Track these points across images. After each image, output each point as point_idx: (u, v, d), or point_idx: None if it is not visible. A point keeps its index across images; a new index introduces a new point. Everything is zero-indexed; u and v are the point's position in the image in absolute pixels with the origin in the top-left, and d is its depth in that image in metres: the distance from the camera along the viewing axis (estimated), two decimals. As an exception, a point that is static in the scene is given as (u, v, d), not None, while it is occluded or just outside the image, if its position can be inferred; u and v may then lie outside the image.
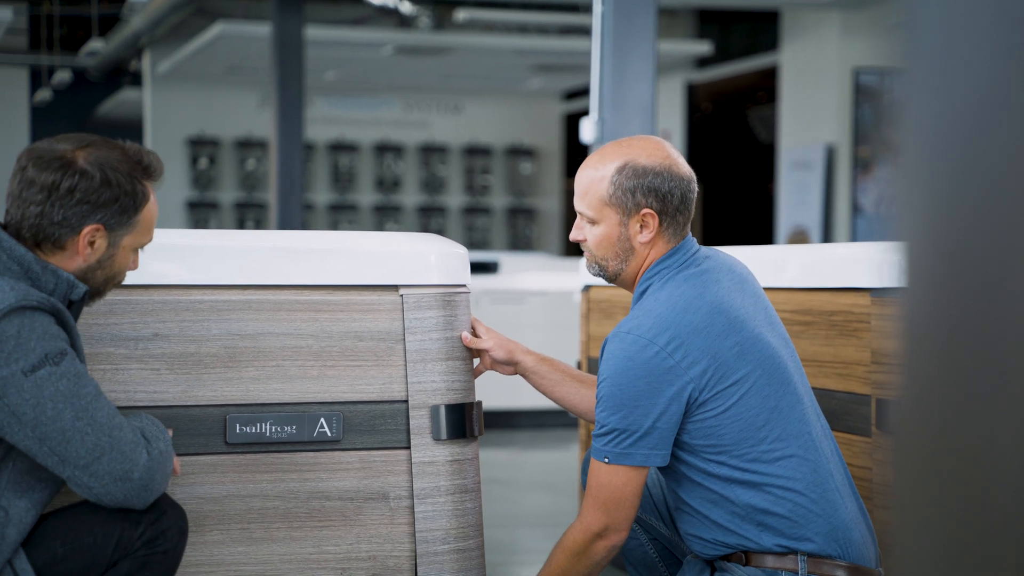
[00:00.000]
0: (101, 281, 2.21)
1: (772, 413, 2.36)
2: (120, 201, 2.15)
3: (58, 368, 2.04)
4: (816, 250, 3.04)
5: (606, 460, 2.36)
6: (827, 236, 9.79)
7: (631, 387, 2.32)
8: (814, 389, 2.83)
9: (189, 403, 2.48)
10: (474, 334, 2.64)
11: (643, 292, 2.44)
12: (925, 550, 0.81)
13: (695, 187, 2.46)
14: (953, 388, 0.78)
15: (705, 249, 2.51)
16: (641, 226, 2.42)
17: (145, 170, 2.19)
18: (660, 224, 2.42)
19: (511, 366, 2.67)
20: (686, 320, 2.34)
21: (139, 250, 2.26)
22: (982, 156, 0.82)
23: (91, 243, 2.15)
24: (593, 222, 2.45)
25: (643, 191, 2.40)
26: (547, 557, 2.51)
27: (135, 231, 2.20)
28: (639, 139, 2.47)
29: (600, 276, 2.50)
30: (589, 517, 2.40)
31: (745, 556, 2.40)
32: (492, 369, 2.70)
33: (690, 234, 2.49)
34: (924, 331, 0.78)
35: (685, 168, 2.45)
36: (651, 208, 2.41)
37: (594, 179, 2.44)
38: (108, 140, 2.20)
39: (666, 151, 2.44)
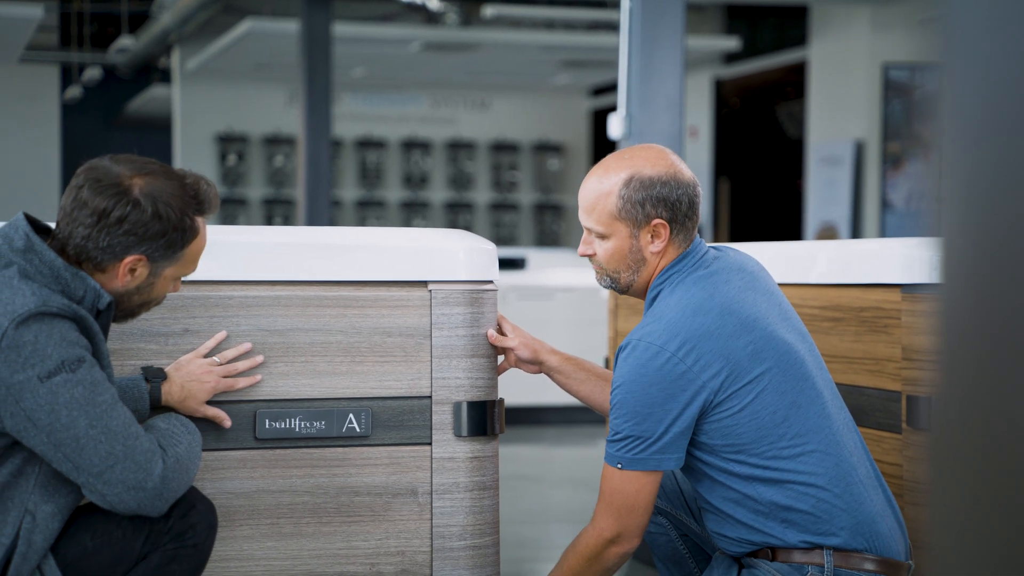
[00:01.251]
0: (136, 305, 2.22)
1: (790, 409, 2.35)
2: (167, 236, 2.14)
3: (74, 375, 2.05)
4: (846, 246, 3.03)
5: (619, 466, 2.37)
6: (856, 232, 9.74)
7: (644, 395, 2.32)
8: (844, 386, 2.82)
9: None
10: (500, 332, 2.64)
11: (654, 298, 2.44)
12: (963, 547, 0.80)
13: (700, 191, 2.46)
14: (991, 384, 0.78)
15: (714, 249, 2.51)
16: (652, 236, 2.42)
17: (199, 205, 2.18)
18: (671, 232, 2.42)
19: (535, 365, 2.67)
20: (697, 323, 2.33)
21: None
22: (1021, 151, 0.81)
23: (132, 271, 2.16)
24: (603, 237, 2.44)
25: (652, 202, 2.40)
26: (558, 560, 2.51)
27: (179, 263, 2.20)
28: (640, 149, 2.46)
29: (612, 288, 2.50)
30: (602, 523, 2.41)
31: (771, 552, 2.40)
32: (517, 367, 2.70)
33: (698, 236, 2.48)
34: (962, 327, 0.78)
35: (688, 173, 2.45)
36: (661, 218, 2.41)
37: (601, 194, 2.42)
38: (168, 169, 2.18)
39: (669, 159, 2.44)
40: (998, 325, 0.80)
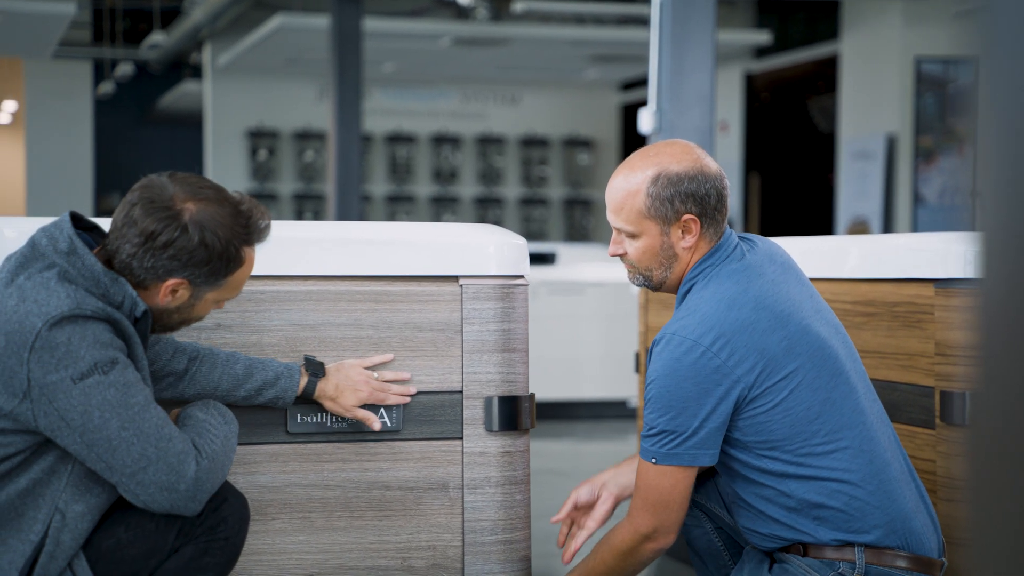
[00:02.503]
0: (176, 322, 2.23)
1: (824, 405, 2.34)
2: (211, 264, 2.15)
3: (107, 377, 2.06)
4: (879, 240, 3.01)
5: (654, 461, 2.36)
6: (887, 227, 9.69)
7: (678, 389, 2.31)
8: (876, 381, 2.80)
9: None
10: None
11: (686, 292, 2.43)
12: (1003, 544, 0.79)
13: (727, 182, 2.44)
14: (1030, 380, 0.77)
15: (744, 241, 2.49)
16: (683, 232, 2.41)
17: (248, 236, 2.17)
18: (701, 227, 2.41)
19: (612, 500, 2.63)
20: (731, 318, 2.32)
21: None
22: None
23: (173, 292, 2.17)
24: (633, 236, 2.43)
25: (681, 198, 2.39)
26: (591, 551, 2.51)
27: (221, 289, 2.21)
28: (664, 145, 2.45)
29: (645, 286, 2.49)
30: (638, 518, 2.40)
31: (803, 548, 2.38)
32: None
33: (728, 228, 2.47)
34: (1001, 322, 0.77)
35: (714, 166, 2.43)
36: (692, 213, 2.39)
37: (629, 193, 2.41)
38: (223, 195, 2.17)
39: (694, 153, 2.42)
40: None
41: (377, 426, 2.52)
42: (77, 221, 2.19)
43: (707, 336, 2.31)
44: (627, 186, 2.41)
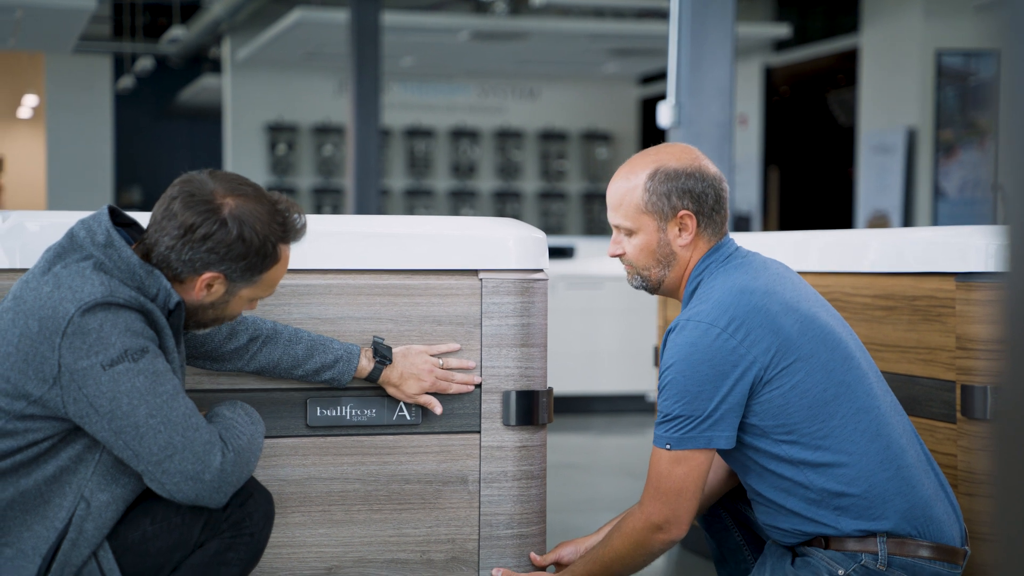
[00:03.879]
0: (209, 319, 2.25)
1: (839, 388, 2.34)
2: (248, 259, 2.17)
3: (136, 365, 2.07)
4: (899, 234, 3.00)
5: (668, 447, 2.35)
6: (907, 220, 9.65)
7: (695, 373, 2.31)
8: (896, 375, 2.80)
9: (270, 386, 2.51)
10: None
11: (694, 290, 2.45)
12: (1027, 537, 0.79)
13: (726, 187, 2.48)
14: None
15: (743, 248, 2.51)
16: (680, 229, 2.43)
17: (284, 234, 2.20)
18: (698, 225, 2.43)
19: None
20: (744, 301, 2.34)
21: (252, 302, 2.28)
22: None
23: (208, 286, 2.19)
24: (631, 232, 2.46)
25: (678, 193, 2.42)
26: (603, 537, 2.50)
27: (256, 286, 2.22)
28: (665, 146, 2.50)
29: (643, 288, 2.50)
30: (650, 507, 2.39)
31: (825, 541, 2.38)
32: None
33: (728, 234, 2.49)
34: (1025, 315, 0.76)
35: (714, 168, 2.47)
36: (688, 209, 2.42)
37: (627, 189, 2.45)
38: (261, 193, 2.20)
39: (693, 153, 2.47)
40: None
41: (439, 410, 2.55)
42: (115, 215, 2.22)
43: (722, 318, 2.32)
44: (626, 183, 2.45)
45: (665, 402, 2.36)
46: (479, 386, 2.60)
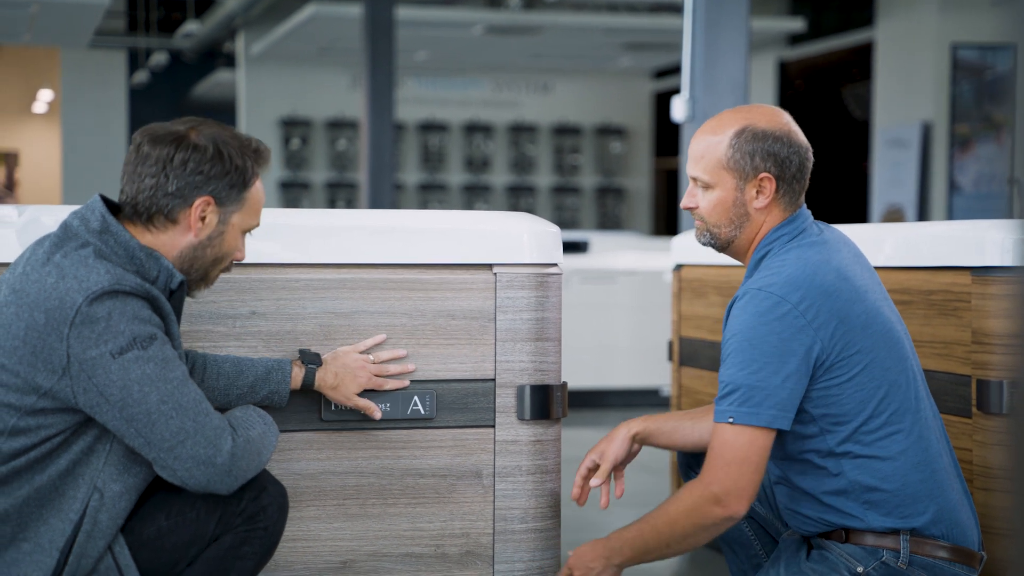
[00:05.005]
0: (210, 261, 2.24)
1: (891, 387, 2.32)
2: (230, 175, 2.19)
3: (145, 352, 2.08)
4: (914, 228, 2.99)
5: (731, 420, 2.27)
6: (923, 215, 9.62)
7: (762, 343, 2.26)
8: (912, 370, 2.79)
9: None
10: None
11: (761, 258, 2.40)
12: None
13: (811, 158, 2.43)
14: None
15: (819, 223, 2.48)
16: (757, 191, 2.40)
17: (255, 154, 2.24)
18: (777, 190, 2.39)
19: (635, 445, 2.60)
20: (817, 282, 2.30)
21: (246, 236, 2.29)
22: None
23: (202, 218, 2.20)
24: (708, 187, 2.42)
25: (762, 155, 2.38)
26: (657, 507, 2.39)
27: (244, 210, 2.23)
28: (758, 106, 2.46)
29: (710, 244, 2.46)
30: (709, 476, 2.29)
31: (845, 533, 2.36)
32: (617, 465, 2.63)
33: (804, 205, 2.45)
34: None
35: (803, 137, 2.43)
36: (769, 172, 2.38)
37: (712, 143, 2.41)
38: (220, 123, 2.26)
39: (785, 119, 2.43)
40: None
41: (378, 415, 2.52)
42: (107, 204, 2.22)
43: (794, 294, 2.28)
44: (712, 137, 2.41)
45: (729, 371, 2.29)
46: (493, 380, 2.60)
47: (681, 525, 2.32)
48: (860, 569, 2.33)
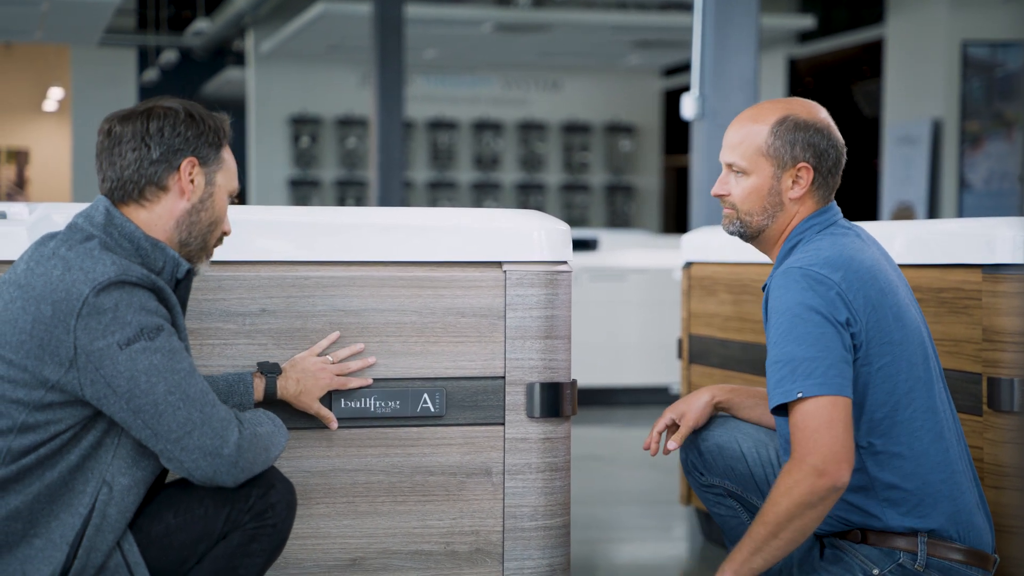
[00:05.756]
0: (206, 226, 2.24)
1: (917, 383, 2.32)
2: (206, 135, 2.23)
3: (152, 343, 2.08)
4: (925, 226, 2.98)
5: (800, 394, 2.22)
6: (933, 212, 9.60)
7: (811, 317, 2.25)
8: (922, 368, 2.78)
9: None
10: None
11: (792, 247, 2.41)
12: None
13: (846, 156, 2.45)
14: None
15: (846, 220, 2.49)
16: (794, 181, 2.41)
17: (218, 114, 2.29)
18: (813, 182, 2.41)
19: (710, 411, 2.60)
20: (854, 266, 2.31)
21: (229, 199, 2.30)
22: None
23: (191, 180, 2.21)
24: (744, 173, 2.42)
25: (802, 145, 2.40)
26: (763, 506, 2.30)
27: (223, 170, 2.26)
28: (797, 99, 2.47)
29: (738, 233, 2.46)
30: (800, 451, 2.21)
31: (862, 534, 2.35)
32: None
33: (835, 202, 2.46)
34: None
35: (840, 135, 2.45)
36: (808, 163, 2.40)
37: (752, 130, 2.42)
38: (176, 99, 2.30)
39: (824, 114, 2.45)
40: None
41: (335, 426, 2.50)
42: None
43: (835, 273, 2.29)
44: (752, 124, 2.42)
45: (781, 347, 2.26)
46: (503, 378, 2.60)
47: (786, 508, 2.22)
48: (876, 571, 2.32)
